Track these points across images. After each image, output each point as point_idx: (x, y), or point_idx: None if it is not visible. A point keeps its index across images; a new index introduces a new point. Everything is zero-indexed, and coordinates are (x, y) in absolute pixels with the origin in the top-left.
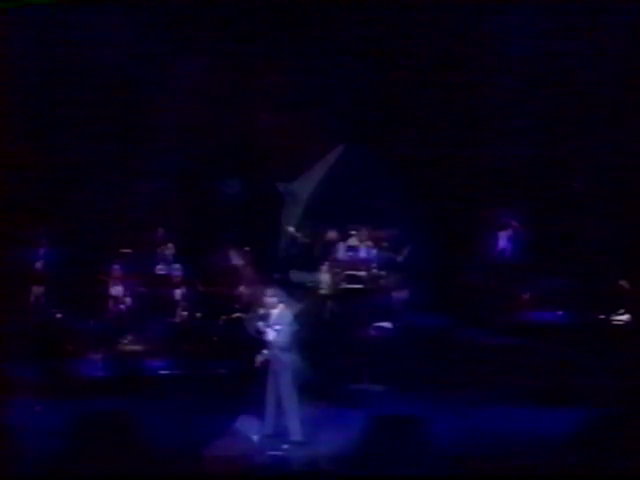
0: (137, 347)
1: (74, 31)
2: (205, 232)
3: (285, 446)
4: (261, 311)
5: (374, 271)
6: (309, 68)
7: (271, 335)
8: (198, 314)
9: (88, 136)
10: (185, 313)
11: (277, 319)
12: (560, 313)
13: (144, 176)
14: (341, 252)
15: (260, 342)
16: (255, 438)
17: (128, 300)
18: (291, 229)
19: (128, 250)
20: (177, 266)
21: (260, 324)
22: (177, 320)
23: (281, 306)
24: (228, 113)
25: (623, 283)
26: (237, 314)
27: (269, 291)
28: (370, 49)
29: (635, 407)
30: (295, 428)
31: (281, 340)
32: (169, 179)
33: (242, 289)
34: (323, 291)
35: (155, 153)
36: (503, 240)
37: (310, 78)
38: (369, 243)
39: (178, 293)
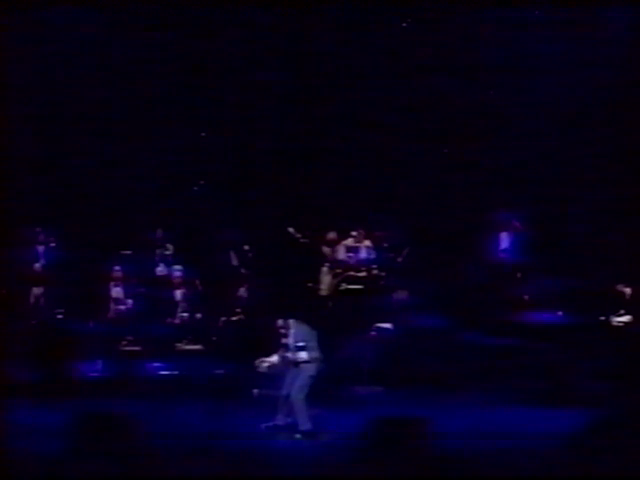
0: (137, 348)
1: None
2: (205, 232)
3: (296, 436)
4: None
5: (374, 272)
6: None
7: (288, 337)
8: (198, 315)
9: (89, 136)
10: (185, 314)
11: (294, 323)
12: (560, 313)
13: (144, 176)
14: (341, 253)
15: (271, 342)
16: (264, 427)
17: (128, 301)
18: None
19: (128, 251)
20: (177, 267)
21: (279, 325)
22: (177, 321)
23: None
24: (227, 112)
25: (622, 283)
26: (239, 314)
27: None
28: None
29: (633, 408)
30: (304, 419)
31: (298, 341)
32: (169, 179)
33: (243, 290)
34: (323, 292)
35: (155, 153)
36: (504, 240)
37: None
38: (368, 244)
39: (178, 293)
